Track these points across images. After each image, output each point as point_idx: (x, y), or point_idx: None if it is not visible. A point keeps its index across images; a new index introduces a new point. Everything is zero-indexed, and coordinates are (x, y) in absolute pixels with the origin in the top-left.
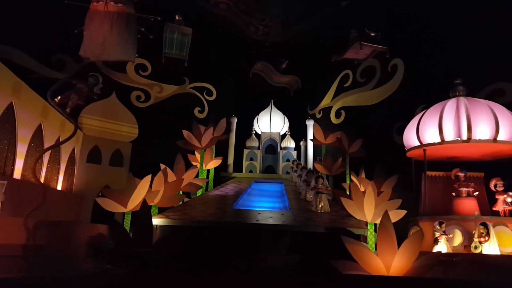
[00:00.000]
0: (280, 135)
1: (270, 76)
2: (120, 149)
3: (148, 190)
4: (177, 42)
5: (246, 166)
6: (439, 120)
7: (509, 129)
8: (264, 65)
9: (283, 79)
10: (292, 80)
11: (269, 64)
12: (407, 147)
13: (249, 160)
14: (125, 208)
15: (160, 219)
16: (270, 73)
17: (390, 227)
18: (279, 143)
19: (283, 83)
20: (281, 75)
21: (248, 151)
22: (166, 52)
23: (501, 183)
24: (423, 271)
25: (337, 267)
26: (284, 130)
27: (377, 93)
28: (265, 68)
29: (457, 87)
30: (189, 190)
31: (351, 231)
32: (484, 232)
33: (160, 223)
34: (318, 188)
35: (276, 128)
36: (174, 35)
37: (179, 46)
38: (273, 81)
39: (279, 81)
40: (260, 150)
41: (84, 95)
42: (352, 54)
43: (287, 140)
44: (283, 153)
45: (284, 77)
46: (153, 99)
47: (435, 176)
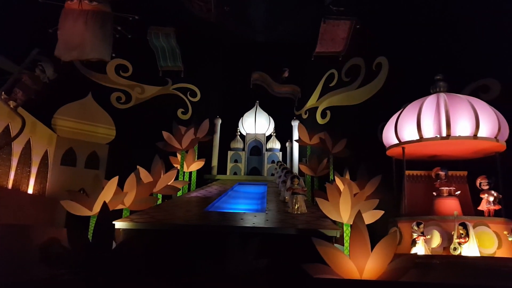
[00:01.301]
0: (266, 136)
1: (270, 86)
2: (96, 151)
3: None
4: (168, 51)
5: (230, 168)
6: (417, 117)
7: (490, 125)
8: (261, 75)
9: (284, 89)
10: (294, 89)
11: (265, 74)
12: (386, 145)
13: (233, 162)
14: (91, 211)
15: (124, 223)
16: (270, 83)
17: (363, 228)
18: (264, 145)
19: (285, 93)
20: (280, 85)
21: (233, 152)
22: (161, 65)
23: (485, 182)
24: (397, 274)
25: (308, 271)
26: (270, 131)
27: (362, 92)
28: (264, 78)
29: (438, 83)
30: (166, 192)
31: (324, 232)
32: (463, 232)
33: (123, 226)
34: (294, 189)
35: (261, 129)
36: (159, 39)
37: (172, 57)
38: (274, 91)
39: (280, 91)
40: (245, 152)
41: (29, 88)
42: (327, 44)
43: (272, 141)
44: (268, 155)
45: (284, 87)
46: (134, 101)
47: (416, 175)
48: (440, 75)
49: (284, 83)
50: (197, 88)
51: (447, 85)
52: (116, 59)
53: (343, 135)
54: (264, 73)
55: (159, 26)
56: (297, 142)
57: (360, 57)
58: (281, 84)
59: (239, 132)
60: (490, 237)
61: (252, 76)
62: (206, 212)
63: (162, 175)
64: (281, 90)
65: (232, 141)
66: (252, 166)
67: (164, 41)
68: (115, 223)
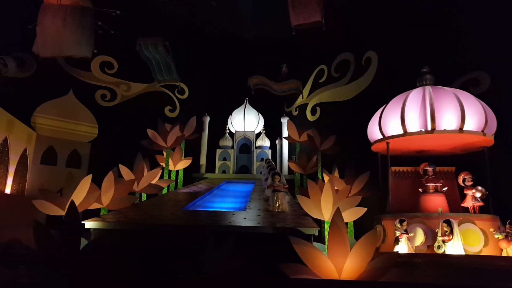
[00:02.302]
0: (255, 134)
1: (272, 88)
2: (77, 150)
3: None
4: (162, 63)
5: (219, 166)
6: (401, 111)
7: (476, 118)
8: (259, 78)
9: (286, 86)
10: (296, 84)
11: (262, 76)
12: (371, 140)
13: (222, 160)
14: (63, 211)
15: (94, 222)
16: (270, 84)
17: (342, 226)
18: (253, 142)
19: (289, 90)
20: (281, 83)
21: (221, 150)
22: (158, 79)
23: (470, 177)
24: (377, 274)
25: (284, 271)
26: (259, 129)
27: (351, 87)
28: (263, 81)
29: (424, 75)
30: (149, 191)
31: (301, 231)
32: (448, 230)
33: (94, 226)
34: (275, 186)
35: (251, 127)
36: (149, 49)
37: (167, 69)
38: (277, 91)
39: (283, 89)
40: (234, 150)
41: None
42: (302, 13)
43: (262, 139)
44: (258, 152)
45: (286, 84)
46: (120, 98)
47: (402, 172)
48: (426, 68)
49: (285, 80)
50: (185, 85)
51: (434, 78)
52: (101, 56)
53: (333, 132)
54: (261, 76)
55: (146, 37)
56: (286, 139)
57: (349, 52)
58: (282, 82)
59: (228, 130)
60: (476, 235)
61: (251, 82)
62: (184, 211)
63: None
64: (284, 88)
65: (221, 139)
66: (241, 164)
67: (154, 52)
68: (85, 222)
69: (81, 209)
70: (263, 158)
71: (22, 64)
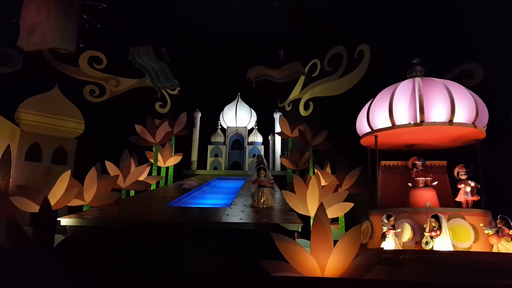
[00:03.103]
0: (247, 130)
1: (273, 76)
2: (63, 146)
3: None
4: (159, 70)
5: (210, 163)
6: (389, 103)
7: (467, 110)
8: (258, 69)
9: (287, 71)
10: (298, 67)
11: (260, 66)
12: (359, 134)
13: (213, 156)
14: None
15: (70, 219)
16: (270, 72)
17: (326, 222)
18: (246, 138)
19: (291, 75)
20: (282, 69)
21: (213, 146)
22: (157, 85)
23: (463, 171)
24: (362, 271)
25: (266, 268)
26: (252, 124)
27: (344, 81)
28: (262, 71)
29: (414, 67)
30: (136, 188)
31: (284, 227)
32: (436, 225)
33: (70, 223)
34: (260, 181)
35: (243, 122)
36: (142, 58)
37: (164, 76)
38: (280, 79)
39: (284, 75)
40: (225, 146)
41: None
42: None
43: (254, 135)
44: (250, 148)
45: (286, 69)
46: (109, 94)
47: (392, 166)
48: (417, 59)
49: (284, 64)
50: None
51: (424, 69)
52: (89, 51)
53: (326, 127)
54: (259, 66)
55: (136, 46)
56: (278, 135)
57: (342, 46)
58: (283, 68)
59: (220, 126)
60: (466, 230)
61: (250, 75)
62: (167, 207)
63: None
64: (286, 74)
65: (213, 135)
66: (233, 160)
67: (147, 60)
68: (61, 219)
69: (60, 206)
70: (255, 154)
71: (7, 59)
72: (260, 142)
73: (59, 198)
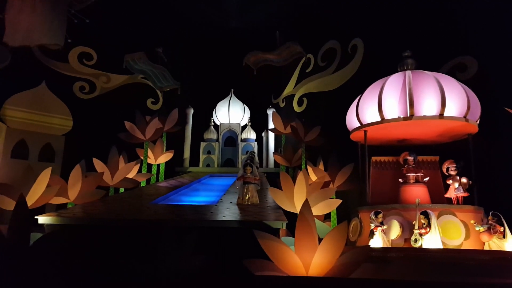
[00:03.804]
0: (241, 126)
1: (273, 60)
2: (51, 143)
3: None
4: (158, 73)
5: (203, 160)
6: (379, 96)
7: (458, 103)
8: (256, 55)
9: (284, 54)
10: (296, 48)
11: (257, 51)
12: (349, 129)
13: (206, 154)
14: None
15: (48, 217)
16: (269, 57)
17: (311, 219)
18: (239, 135)
19: (291, 56)
20: (281, 50)
21: (205, 143)
22: (158, 87)
23: (453, 166)
24: (348, 270)
25: (248, 267)
26: (245, 121)
27: (338, 76)
28: (261, 56)
29: (406, 60)
30: (125, 186)
31: (268, 224)
32: (425, 222)
33: (47, 221)
34: (246, 178)
35: (236, 119)
36: (137, 64)
37: (163, 77)
38: (280, 62)
39: (282, 58)
40: (218, 143)
41: None
42: None
43: (247, 131)
44: (243, 145)
45: (283, 51)
46: (99, 90)
47: (384, 162)
48: (408, 52)
49: (283, 45)
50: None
51: (416, 62)
52: (79, 47)
53: (319, 123)
54: (256, 51)
55: (129, 54)
56: (272, 131)
57: (335, 40)
58: (280, 49)
59: (213, 122)
60: (457, 227)
61: (249, 62)
62: (150, 205)
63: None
64: (285, 56)
65: (205, 132)
66: (226, 157)
67: (143, 64)
68: (39, 218)
69: (40, 204)
70: (248, 151)
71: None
72: (254, 138)
73: (39, 196)
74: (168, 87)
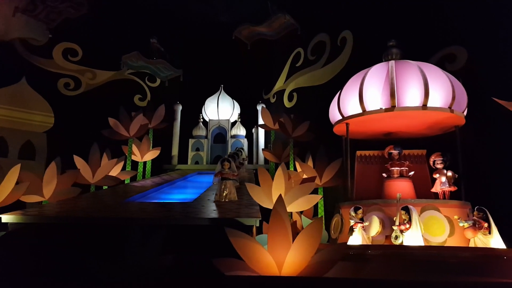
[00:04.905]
0: (230, 122)
1: (264, 34)
2: (31, 141)
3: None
4: (158, 66)
5: (191, 157)
6: (360, 87)
7: (443, 93)
8: (247, 28)
9: (276, 25)
10: (286, 18)
11: (248, 24)
12: (332, 122)
13: (195, 151)
14: None
15: (12, 216)
16: (261, 30)
17: (284, 216)
18: (228, 131)
19: (283, 29)
20: (273, 21)
21: (194, 140)
22: (162, 78)
23: (440, 160)
24: (322, 269)
25: (219, 267)
26: (235, 117)
27: (327, 70)
28: (254, 29)
29: (390, 49)
30: (106, 184)
31: (241, 221)
32: (406, 218)
33: (11, 220)
34: (223, 173)
35: (225, 115)
36: (136, 62)
37: (163, 68)
38: (272, 35)
39: (274, 31)
40: (207, 139)
41: None
42: None
43: (237, 127)
44: (233, 142)
45: (273, 23)
46: (85, 87)
47: (369, 156)
48: (393, 41)
49: (274, 14)
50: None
51: (401, 52)
52: (64, 43)
53: (309, 118)
54: (246, 25)
55: (124, 55)
56: (261, 127)
57: (325, 33)
58: (271, 21)
59: (202, 119)
60: (440, 223)
61: (242, 36)
62: (123, 203)
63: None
64: (277, 28)
65: (194, 128)
66: (215, 154)
67: (141, 62)
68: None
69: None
70: (238, 147)
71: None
72: (243, 135)
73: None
74: (171, 76)
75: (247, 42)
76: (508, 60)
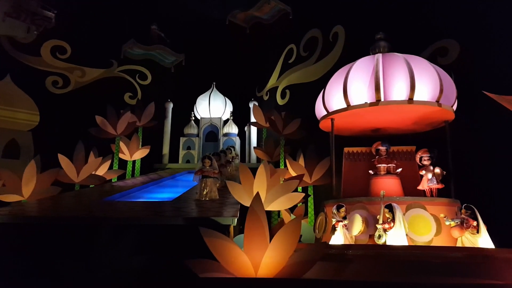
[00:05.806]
0: (222, 120)
1: (260, 18)
2: (16, 139)
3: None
4: (160, 52)
5: (182, 156)
6: (344, 81)
7: (430, 87)
8: (243, 12)
9: (267, 9)
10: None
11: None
12: (318, 117)
13: (186, 149)
14: None
15: None
16: (254, 14)
17: (261, 214)
18: (220, 129)
19: (277, 12)
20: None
21: (185, 139)
22: (166, 64)
23: (427, 156)
24: (300, 270)
25: (193, 268)
26: (227, 115)
27: (320, 66)
28: (248, 13)
29: (378, 42)
30: (91, 183)
31: (217, 221)
32: (390, 216)
33: None
34: (204, 171)
35: (217, 113)
36: (137, 51)
37: (166, 55)
38: (267, 20)
39: (268, 14)
40: (199, 138)
41: None
42: None
43: (229, 126)
44: (225, 140)
45: (264, 7)
46: (74, 85)
47: (356, 153)
48: (380, 34)
49: None
50: (148, 70)
51: (389, 45)
52: (52, 40)
53: (302, 115)
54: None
55: (122, 45)
56: (253, 125)
57: (317, 28)
58: (260, 4)
59: (194, 117)
60: (427, 222)
61: (236, 20)
62: (101, 202)
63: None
64: (269, 12)
65: (186, 127)
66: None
67: (140, 49)
68: None
69: None
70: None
71: None
72: (236, 133)
73: None
74: (174, 62)
75: (245, 26)
76: (501, 54)
